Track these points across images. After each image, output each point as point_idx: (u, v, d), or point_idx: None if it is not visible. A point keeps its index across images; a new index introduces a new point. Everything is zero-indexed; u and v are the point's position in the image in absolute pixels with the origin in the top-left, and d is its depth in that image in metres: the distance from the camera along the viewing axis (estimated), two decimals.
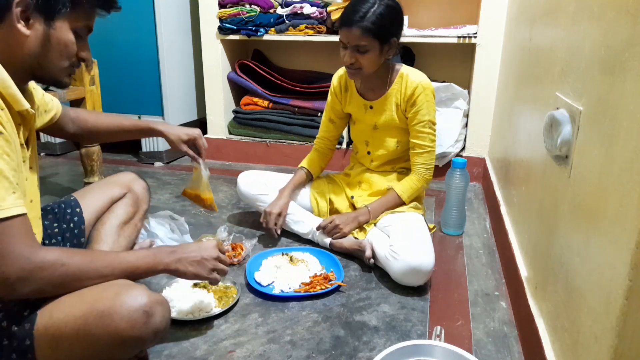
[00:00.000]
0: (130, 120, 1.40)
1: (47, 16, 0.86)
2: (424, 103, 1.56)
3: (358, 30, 1.44)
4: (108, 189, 1.32)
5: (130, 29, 2.59)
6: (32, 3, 0.84)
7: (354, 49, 1.48)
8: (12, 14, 0.83)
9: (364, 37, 1.45)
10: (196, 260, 1.05)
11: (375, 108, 1.66)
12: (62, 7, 0.87)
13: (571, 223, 0.93)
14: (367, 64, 1.50)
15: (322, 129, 1.84)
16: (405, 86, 1.58)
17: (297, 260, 1.54)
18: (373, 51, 1.48)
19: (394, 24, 1.49)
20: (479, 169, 2.45)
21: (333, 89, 1.76)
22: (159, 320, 0.88)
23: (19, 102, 0.87)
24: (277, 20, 2.56)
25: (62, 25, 0.88)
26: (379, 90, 1.64)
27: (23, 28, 0.85)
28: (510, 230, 1.56)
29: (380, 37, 1.46)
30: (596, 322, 0.76)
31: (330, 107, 1.79)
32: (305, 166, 1.82)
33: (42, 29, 0.87)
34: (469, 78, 2.58)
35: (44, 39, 0.87)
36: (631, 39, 0.70)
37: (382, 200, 1.65)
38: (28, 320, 0.85)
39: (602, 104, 0.80)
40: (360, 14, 1.43)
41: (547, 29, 1.32)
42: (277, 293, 1.39)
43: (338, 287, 1.42)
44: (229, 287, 1.39)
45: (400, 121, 1.63)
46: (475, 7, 2.43)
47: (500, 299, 1.41)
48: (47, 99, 1.17)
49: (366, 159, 1.78)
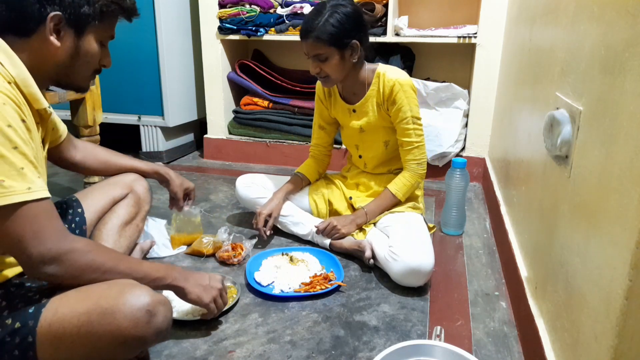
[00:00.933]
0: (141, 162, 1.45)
1: (77, 30, 0.93)
2: (403, 100, 1.56)
3: (311, 40, 1.47)
4: (110, 189, 1.33)
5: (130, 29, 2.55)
6: (64, 17, 0.90)
7: (315, 59, 1.51)
8: (46, 27, 0.88)
9: (318, 47, 1.48)
10: (202, 285, 1.11)
11: (358, 111, 1.66)
12: (92, 21, 0.94)
13: (571, 223, 0.93)
14: (332, 71, 1.52)
15: (315, 136, 1.84)
16: (383, 85, 1.58)
17: (297, 260, 1.54)
18: (333, 58, 1.50)
19: (350, 28, 1.49)
20: (479, 169, 2.46)
21: (318, 95, 1.77)
22: (161, 320, 0.89)
23: (38, 101, 0.91)
24: (277, 20, 2.56)
25: (90, 37, 0.95)
26: (360, 93, 1.64)
27: (55, 40, 0.90)
28: (510, 230, 1.56)
29: (335, 43, 1.48)
30: (596, 322, 0.76)
31: (318, 114, 1.80)
32: (302, 172, 1.81)
33: (72, 41, 0.93)
34: (469, 78, 2.58)
35: (73, 50, 0.93)
36: (631, 39, 0.70)
37: (378, 201, 1.65)
38: (32, 317, 0.85)
39: (602, 104, 0.80)
40: (313, 25, 1.47)
41: (547, 29, 1.32)
42: (277, 293, 1.39)
43: (338, 287, 1.42)
44: (229, 287, 1.39)
45: (384, 121, 1.63)
46: (475, 7, 2.43)
47: (500, 299, 1.41)
48: (55, 118, 1.18)
49: (359, 162, 1.78)
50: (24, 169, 0.81)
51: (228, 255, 1.57)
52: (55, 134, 1.20)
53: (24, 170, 0.81)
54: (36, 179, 0.83)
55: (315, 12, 1.50)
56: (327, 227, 1.62)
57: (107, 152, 1.39)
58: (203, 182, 2.45)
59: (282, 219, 1.74)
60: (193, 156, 2.97)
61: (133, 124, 2.77)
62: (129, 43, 2.59)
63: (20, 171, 0.80)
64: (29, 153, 0.83)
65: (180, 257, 1.64)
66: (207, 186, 2.39)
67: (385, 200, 1.64)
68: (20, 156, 0.81)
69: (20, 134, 0.82)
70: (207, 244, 1.61)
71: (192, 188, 1.56)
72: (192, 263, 1.60)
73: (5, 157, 0.78)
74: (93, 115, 2.01)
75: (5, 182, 0.78)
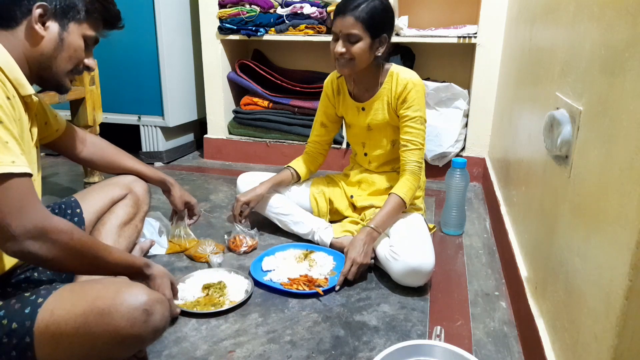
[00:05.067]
0: (147, 168, 1.46)
1: (62, 22, 0.95)
2: (415, 99, 1.56)
3: (351, 18, 1.45)
4: (109, 190, 1.33)
5: (130, 29, 2.54)
6: (50, 8, 0.93)
7: (346, 38, 1.48)
8: (31, 16, 0.91)
9: (356, 26, 1.46)
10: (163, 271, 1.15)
11: (367, 109, 1.66)
12: (77, 14, 0.97)
13: (571, 223, 0.93)
14: (359, 56, 1.49)
15: (314, 133, 1.83)
16: (395, 84, 1.58)
17: (306, 258, 1.56)
18: (364, 42, 1.48)
19: (386, 20, 1.51)
20: (479, 169, 2.45)
21: (325, 92, 1.76)
22: (158, 318, 0.89)
23: (24, 87, 0.92)
24: (277, 20, 2.56)
25: (75, 31, 0.98)
26: (371, 91, 1.64)
27: (40, 29, 0.93)
28: (510, 230, 1.56)
29: (371, 29, 1.47)
30: (596, 322, 0.76)
31: (322, 112, 1.79)
32: (293, 167, 1.80)
33: (57, 32, 0.95)
34: (469, 78, 2.57)
35: (57, 41, 0.96)
36: (631, 39, 0.70)
37: (385, 210, 1.53)
38: (29, 317, 0.85)
39: (602, 103, 0.80)
40: (355, 4, 1.46)
41: (547, 29, 1.32)
42: (262, 280, 1.44)
43: (316, 293, 1.39)
44: None
45: (392, 120, 1.63)
46: (475, 7, 2.43)
47: (500, 299, 1.41)
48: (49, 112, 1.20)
49: (364, 160, 1.77)
50: (8, 143, 0.82)
51: (234, 247, 1.65)
52: (50, 129, 1.20)
53: (9, 144, 0.82)
54: (20, 154, 0.84)
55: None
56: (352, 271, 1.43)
57: (115, 151, 1.41)
58: (203, 182, 2.45)
59: (282, 218, 1.74)
60: (193, 156, 2.97)
61: (133, 124, 2.77)
62: (129, 43, 2.59)
63: (5, 144, 0.81)
64: (13, 130, 0.83)
65: (180, 256, 1.64)
66: (207, 186, 2.39)
67: (394, 208, 1.53)
68: (5, 131, 0.82)
69: (5, 110, 0.83)
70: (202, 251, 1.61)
71: (193, 203, 1.58)
72: (191, 263, 1.60)
73: None
74: (93, 115, 2.01)
75: None
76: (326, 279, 1.46)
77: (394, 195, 1.55)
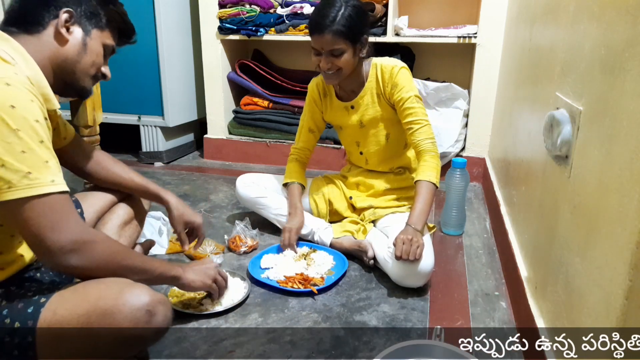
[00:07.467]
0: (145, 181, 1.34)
1: (86, 26, 0.99)
2: (404, 80, 1.56)
3: (329, 35, 1.44)
4: (109, 190, 1.33)
5: None
6: (76, 13, 0.97)
7: (329, 54, 1.47)
8: (58, 20, 0.95)
9: (337, 41, 1.45)
10: (200, 269, 1.20)
11: (356, 106, 1.65)
12: (100, 21, 1.02)
13: (571, 223, 0.93)
14: (345, 66, 1.50)
15: (302, 139, 1.80)
16: (381, 72, 1.58)
17: (305, 257, 1.56)
18: (348, 53, 1.48)
19: (362, 23, 1.50)
20: (479, 169, 2.45)
21: (312, 97, 1.74)
22: (161, 319, 0.89)
23: (51, 102, 0.95)
24: (277, 20, 2.56)
25: (97, 37, 1.02)
26: (358, 89, 1.64)
27: (65, 33, 0.96)
28: (510, 230, 1.56)
29: (351, 38, 1.47)
30: (596, 322, 0.76)
31: (309, 117, 1.77)
32: (298, 181, 1.76)
33: (81, 37, 0.99)
34: (469, 78, 2.58)
35: (81, 46, 0.99)
36: (631, 39, 0.70)
37: (420, 201, 1.46)
38: (31, 317, 0.85)
39: (602, 104, 0.80)
40: (330, 18, 1.43)
41: (547, 29, 1.32)
42: (259, 276, 1.46)
43: (310, 291, 1.39)
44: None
45: (385, 112, 1.62)
46: (475, 7, 2.43)
47: (500, 299, 1.41)
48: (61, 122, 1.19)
49: (360, 159, 1.76)
50: (48, 162, 0.84)
51: (233, 247, 1.66)
52: (58, 136, 1.19)
53: (49, 163, 0.84)
54: (58, 172, 0.86)
55: (326, 5, 1.46)
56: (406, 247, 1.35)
57: (121, 170, 1.30)
58: (203, 182, 2.46)
59: (282, 219, 1.74)
60: (193, 156, 2.98)
61: (133, 124, 2.77)
62: None
63: (45, 164, 0.83)
64: (51, 148, 0.86)
65: (180, 256, 1.64)
66: (207, 186, 2.39)
67: (425, 197, 1.47)
68: (46, 150, 0.84)
69: (45, 130, 0.85)
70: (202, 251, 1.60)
71: (196, 225, 1.35)
72: None
73: (33, 150, 0.81)
74: (93, 115, 2.01)
75: (32, 174, 0.81)
76: (322, 278, 1.46)
77: (420, 182, 1.50)
